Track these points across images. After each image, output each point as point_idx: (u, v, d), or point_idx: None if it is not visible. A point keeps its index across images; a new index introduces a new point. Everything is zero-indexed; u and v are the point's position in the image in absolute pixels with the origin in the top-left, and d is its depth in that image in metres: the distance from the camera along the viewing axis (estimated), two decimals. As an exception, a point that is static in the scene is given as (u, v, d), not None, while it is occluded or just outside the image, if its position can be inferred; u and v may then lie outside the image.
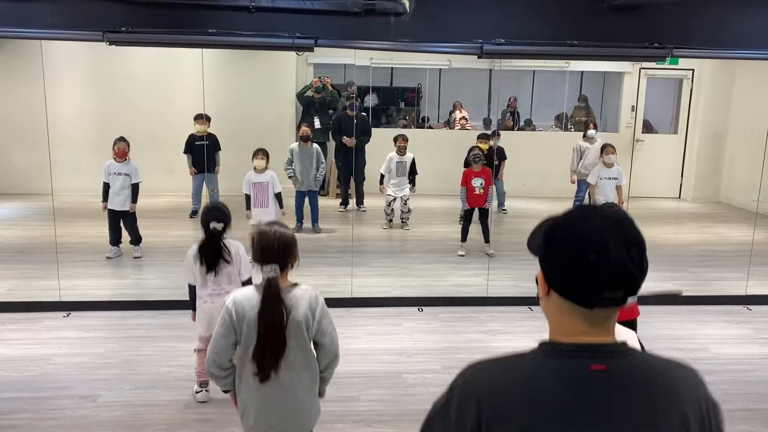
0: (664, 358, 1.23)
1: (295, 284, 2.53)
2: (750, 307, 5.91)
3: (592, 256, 1.13)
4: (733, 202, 10.55)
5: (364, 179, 9.12)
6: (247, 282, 3.83)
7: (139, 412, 3.85)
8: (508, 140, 9.39)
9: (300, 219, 8.01)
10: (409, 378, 4.36)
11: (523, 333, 5.22)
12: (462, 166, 8.42)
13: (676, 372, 1.21)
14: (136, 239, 6.84)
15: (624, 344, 1.19)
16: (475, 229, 7.34)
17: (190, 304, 3.92)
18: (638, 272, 1.15)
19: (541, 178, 10.24)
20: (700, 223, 9.52)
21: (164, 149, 8.97)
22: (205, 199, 8.36)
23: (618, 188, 7.35)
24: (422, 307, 5.66)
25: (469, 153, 8.43)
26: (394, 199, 8.31)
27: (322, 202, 8.28)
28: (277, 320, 2.41)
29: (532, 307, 5.71)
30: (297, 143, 8.00)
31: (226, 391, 2.67)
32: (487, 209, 7.24)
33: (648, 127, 11.56)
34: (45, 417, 3.80)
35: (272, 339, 2.42)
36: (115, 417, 3.80)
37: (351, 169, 9.03)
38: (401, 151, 8.23)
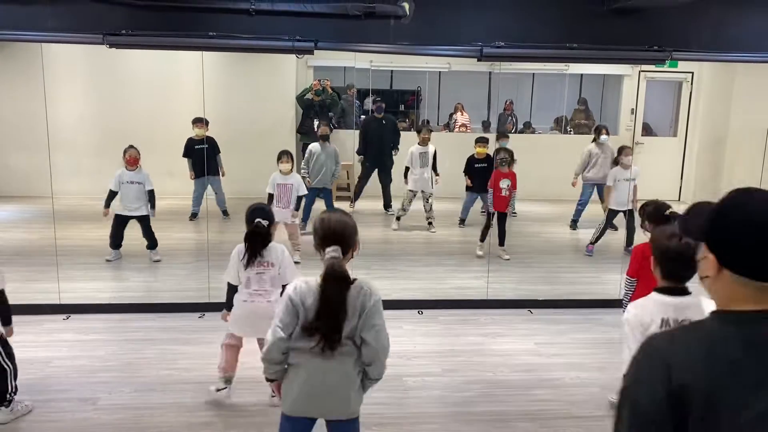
0: None
1: (353, 279, 2.55)
2: (750, 309, 5.91)
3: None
4: (733, 204, 10.53)
5: (391, 181, 9.13)
6: None
7: (140, 415, 3.85)
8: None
9: (306, 218, 7.98)
10: (409, 381, 4.36)
11: (523, 335, 5.22)
12: (461, 172, 8.47)
13: None
14: (153, 244, 6.85)
15: None
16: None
17: (225, 303, 3.93)
18: None
19: (541, 180, 10.23)
20: (699, 225, 9.49)
21: (164, 152, 8.95)
22: (206, 202, 8.37)
23: (633, 187, 7.34)
24: (422, 310, 5.67)
25: (468, 160, 8.45)
26: (415, 195, 8.38)
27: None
28: (340, 296, 2.44)
29: (531, 310, 5.72)
30: (318, 142, 8.16)
31: (270, 380, 2.68)
32: (506, 213, 7.27)
33: (647, 130, 11.57)
34: (45, 420, 3.80)
35: (332, 314, 2.44)
36: (116, 420, 3.80)
37: (375, 169, 9.07)
38: (424, 142, 8.37)
